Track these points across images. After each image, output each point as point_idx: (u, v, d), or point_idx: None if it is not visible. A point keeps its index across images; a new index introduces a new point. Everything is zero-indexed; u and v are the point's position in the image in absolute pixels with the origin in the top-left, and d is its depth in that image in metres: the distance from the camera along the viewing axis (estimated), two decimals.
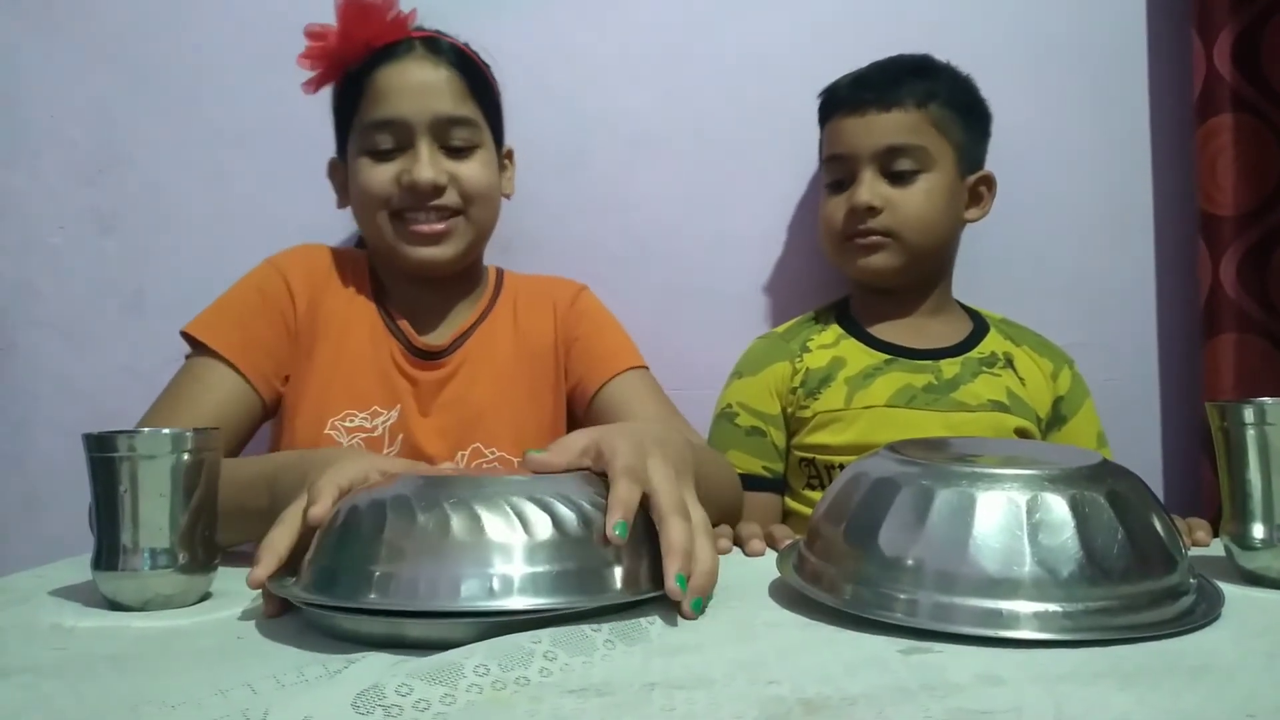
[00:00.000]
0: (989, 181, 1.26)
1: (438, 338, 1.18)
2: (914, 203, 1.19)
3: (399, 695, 0.50)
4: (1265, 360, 1.29)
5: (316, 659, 0.58)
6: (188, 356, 1.09)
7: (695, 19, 1.39)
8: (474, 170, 1.13)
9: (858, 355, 1.23)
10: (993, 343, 1.25)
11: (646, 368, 1.21)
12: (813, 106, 1.28)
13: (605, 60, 1.39)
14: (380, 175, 1.11)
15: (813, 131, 1.29)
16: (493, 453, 1.14)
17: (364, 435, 1.11)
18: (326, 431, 1.10)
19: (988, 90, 1.25)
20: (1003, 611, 0.61)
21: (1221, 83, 1.29)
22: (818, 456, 1.20)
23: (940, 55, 1.24)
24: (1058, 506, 0.63)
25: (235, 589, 0.77)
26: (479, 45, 1.18)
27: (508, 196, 1.22)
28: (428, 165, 1.09)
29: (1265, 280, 1.30)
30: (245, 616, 0.70)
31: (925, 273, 1.25)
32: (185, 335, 1.08)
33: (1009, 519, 0.62)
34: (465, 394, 1.16)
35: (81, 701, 0.53)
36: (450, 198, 1.12)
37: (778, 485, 1.25)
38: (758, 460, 1.24)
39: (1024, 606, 0.61)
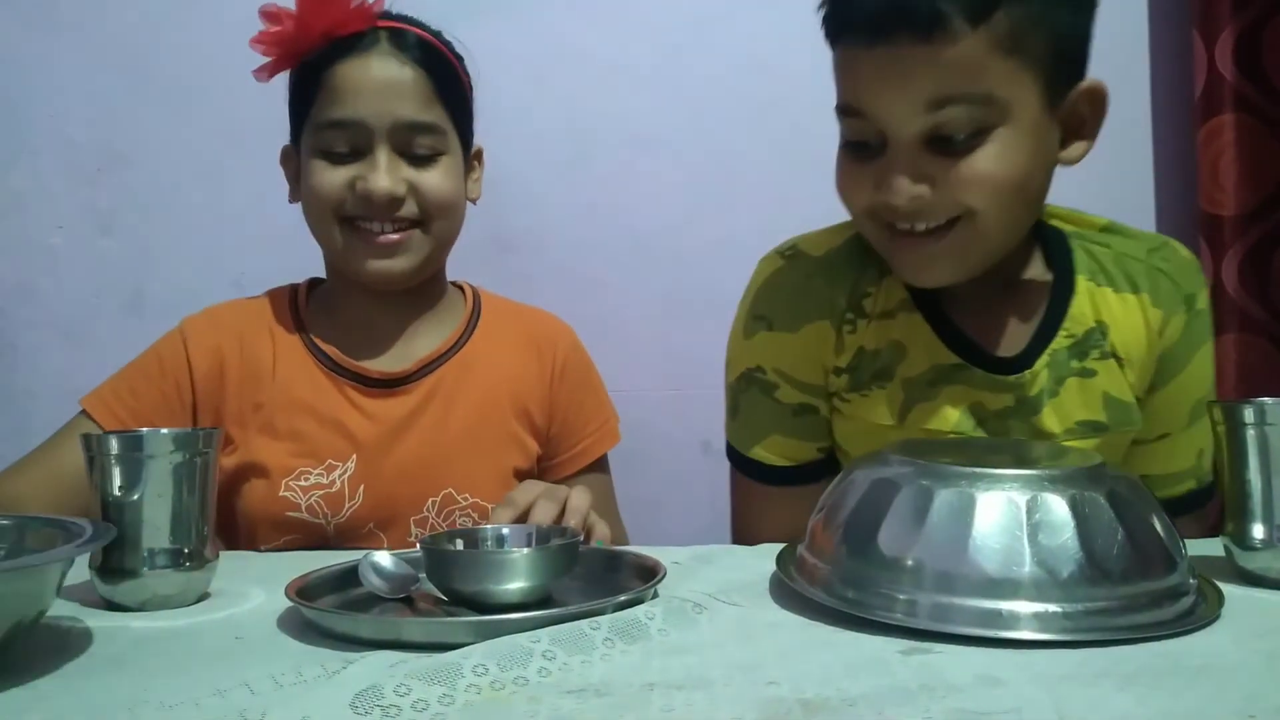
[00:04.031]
0: (1096, 97, 0.86)
1: (395, 362, 1.09)
2: (982, 173, 0.81)
3: (397, 695, 0.50)
4: (1266, 360, 1.29)
5: (315, 660, 0.58)
6: (81, 414, 1.04)
7: (695, 19, 1.39)
8: (435, 180, 1.04)
9: (923, 346, 0.92)
10: (1083, 306, 0.92)
11: (607, 456, 1.18)
12: (811, 108, 1.05)
13: (606, 61, 1.39)
14: (333, 179, 1.02)
15: (811, 131, 1.13)
16: (466, 499, 1.06)
17: (322, 492, 1.02)
18: (282, 494, 1.02)
19: None
20: (1002, 612, 0.60)
21: (1223, 82, 1.29)
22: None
23: None
24: (1058, 507, 0.62)
25: (233, 589, 0.77)
26: (465, 39, 1.12)
27: (474, 201, 1.13)
28: (385, 174, 1.01)
29: (1267, 280, 1.30)
30: (244, 617, 0.70)
31: (1008, 250, 0.90)
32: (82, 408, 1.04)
33: (1009, 519, 0.62)
34: (436, 429, 1.06)
35: (79, 702, 0.53)
36: (408, 209, 1.03)
37: (830, 463, 0.99)
38: (811, 444, 0.97)
39: (1024, 607, 0.60)
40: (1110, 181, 1.39)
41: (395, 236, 1.03)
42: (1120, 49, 1.39)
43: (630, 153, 1.39)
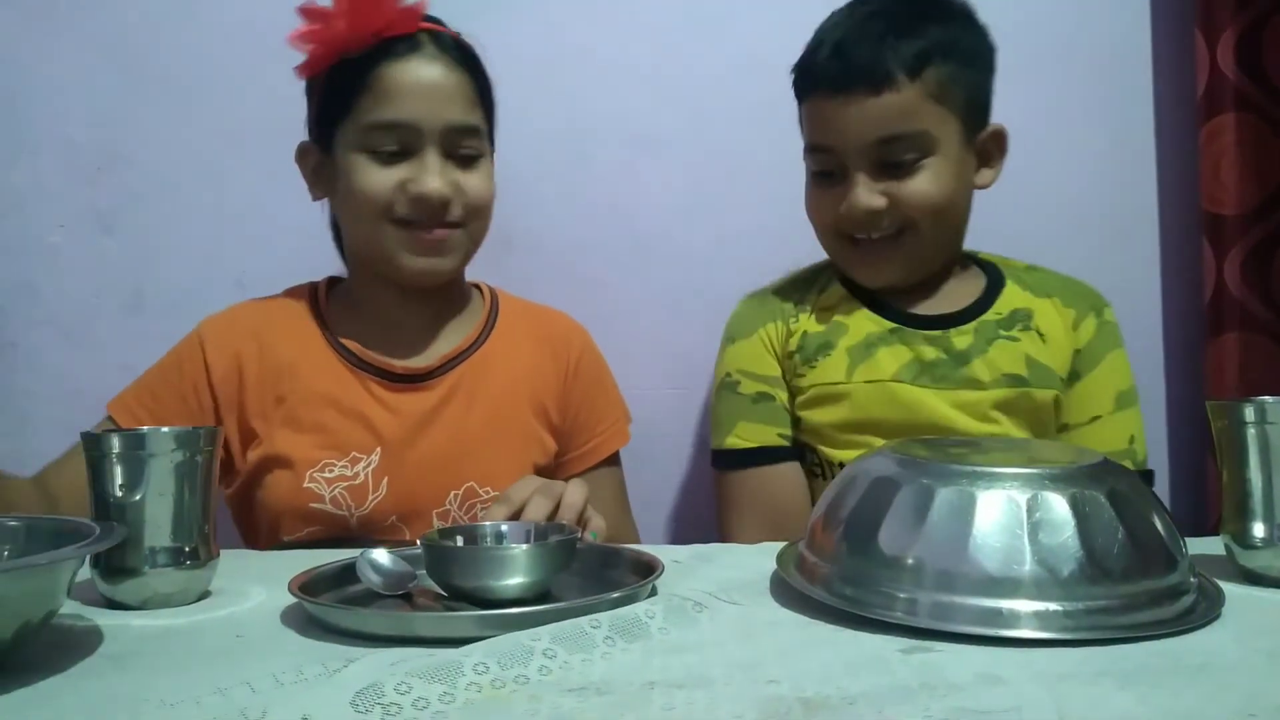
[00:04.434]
0: (999, 138, 1.11)
1: (421, 360, 1.11)
2: (920, 192, 1.05)
3: (398, 693, 0.50)
4: (1269, 359, 1.29)
5: (316, 657, 0.58)
6: (107, 419, 1.06)
7: (695, 19, 1.39)
8: (478, 182, 1.07)
9: (861, 321, 1.12)
10: (1011, 298, 1.13)
11: (618, 452, 1.20)
12: None
13: (606, 60, 1.39)
14: (383, 180, 1.03)
15: None
16: (487, 492, 1.07)
17: (346, 484, 1.04)
18: (306, 485, 1.03)
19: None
20: (1003, 610, 0.60)
21: (1225, 82, 1.29)
22: (820, 446, 1.11)
23: None
24: (1058, 505, 0.62)
25: (234, 587, 0.77)
26: (478, 42, 1.13)
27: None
28: (437, 176, 1.03)
29: (1269, 279, 1.30)
30: (245, 616, 0.70)
31: (940, 256, 1.14)
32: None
33: (1009, 518, 0.62)
34: (459, 422, 1.08)
35: (81, 700, 0.53)
36: (454, 210, 1.05)
37: (796, 453, 1.13)
38: (771, 428, 1.12)
39: (1024, 605, 0.60)
40: (1112, 181, 1.40)
41: (442, 233, 1.06)
42: (1122, 48, 1.39)
43: (630, 153, 1.39)
